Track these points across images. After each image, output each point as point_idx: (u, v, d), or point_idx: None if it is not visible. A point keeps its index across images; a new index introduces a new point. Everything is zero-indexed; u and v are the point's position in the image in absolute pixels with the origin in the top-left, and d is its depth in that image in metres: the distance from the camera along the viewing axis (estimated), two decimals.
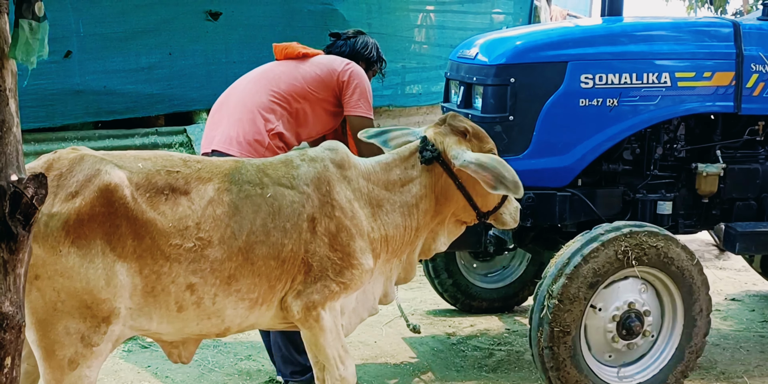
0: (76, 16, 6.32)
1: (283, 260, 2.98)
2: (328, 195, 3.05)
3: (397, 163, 3.29)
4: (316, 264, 3.01)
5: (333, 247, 3.03)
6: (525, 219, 4.31)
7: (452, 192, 3.33)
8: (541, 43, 4.38)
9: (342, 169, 3.14)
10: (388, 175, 3.25)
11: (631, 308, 4.01)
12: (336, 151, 3.18)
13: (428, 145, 3.27)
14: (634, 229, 3.96)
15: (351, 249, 3.05)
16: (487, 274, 5.60)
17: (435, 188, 3.31)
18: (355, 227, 3.08)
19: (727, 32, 4.43)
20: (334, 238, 3.03)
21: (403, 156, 3.32)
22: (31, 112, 6.22)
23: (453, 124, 3.36)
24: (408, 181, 3.28)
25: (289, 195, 3.01)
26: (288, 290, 3.04)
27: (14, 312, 1.85)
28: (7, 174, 1.82)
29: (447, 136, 3.32)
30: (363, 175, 3.19)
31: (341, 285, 3.06)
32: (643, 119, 4.36)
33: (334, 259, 3.03)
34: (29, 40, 1.86)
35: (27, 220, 1.86)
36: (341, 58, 4.32)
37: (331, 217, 3.03)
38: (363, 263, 3.08)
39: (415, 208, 3.26)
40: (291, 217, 2.99)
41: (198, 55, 7.00)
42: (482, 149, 3.37)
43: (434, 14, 8.82)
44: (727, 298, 5.99)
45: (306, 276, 3.02)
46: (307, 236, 3.00)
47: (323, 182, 3.07)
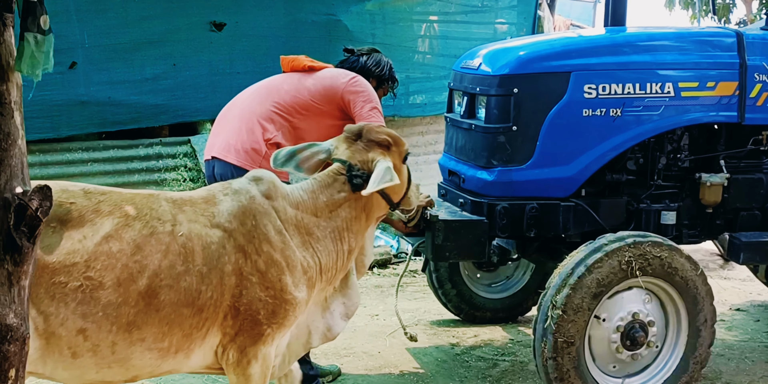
0: (81, 27, 6.34)
1: (200, 308, 2.71)
2: (254, 229, 2.83)
3: (323, 189, 3.11)
4: (244, 308, 2.77)
5: (263, 286, 2.80)
6: (529, 229, 4.31)
7: (377, 203, 3.21)
8: (544, 53, 4.39)
9: (270, 200, 2.94)
10: (316, 202, 3.07)
11: (636, 319, 4.00)
12: (262, 181, 2.99)
13: (355, 171, 3.11)
14: (638, 239, 3.96)
15: (283, 284, 2.83)
16: (491, 284, 5.60)
17: (365, 208, 3.17)
18: (286, 260, 2.87)
19: (730, 42, 4.44)
20: (263, 275, 2.80)
21: (326, 182, 3.14)
22: (37, 123, 6.24)
23: (374, 138, 3.19)
24: (336, 206, 3.10)
25: (207, 235, 2.75)
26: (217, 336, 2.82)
27: (18, 324, 1.85)
28: (12, 186, 1.83)
29: (370, 152, 3.16)
30: (291, 204, 3.01)
31: (274, 326, 2.85)
32: (646, 129, 4.36)
33: (266, 299, 2.80)
34: (35, 53, 1.87)
35: (32, 233, 1.87)
36: (347, 72, 4.31)
37: (258, 253, 2.81)
38: (297, 296, 2.88)
39: (346, 231, 3.10)
40: (209, 260, 2.72)
41: (202, 66, 7.01)
42: (401, 153, 3.25)
43: (438, 24, 8.84)
44: (731, 308, 5.97)
45: (235, 320, 2.78)
46: (231, 281, 2.75)
47: (248, 216, 2.84)
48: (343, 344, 5.07)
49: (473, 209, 4.39)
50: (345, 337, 5.21)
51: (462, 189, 4.57)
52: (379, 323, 5.53)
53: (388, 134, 3.23)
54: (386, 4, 8.07)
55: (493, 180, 4.33)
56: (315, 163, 3.29)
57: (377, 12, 8.00)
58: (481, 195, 4.40)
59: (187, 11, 6.86)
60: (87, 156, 6.68)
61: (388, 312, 5.73)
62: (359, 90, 4.18)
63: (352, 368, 4.72)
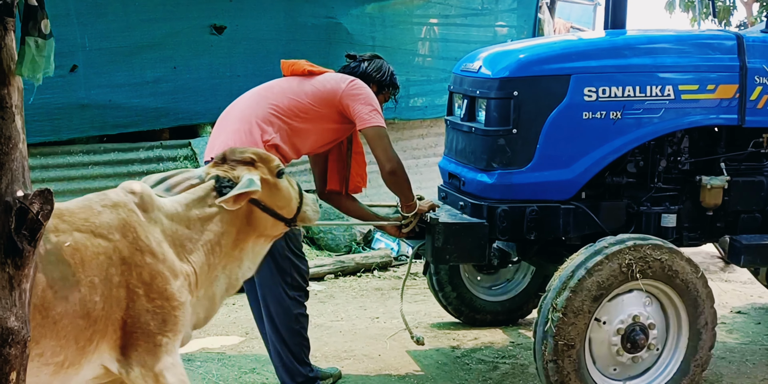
0: (82, 30, 6.34)
1: (95, 319, 2.66)
2: (135, 242, 2.79)
3: (195, 203, 3.06)
4: (133, 320, 2.75)
5: (149, 297, 2.78)
6: (529, 232, 4.32)
7: (257, 217, 3.17)
8: (544, 56, 4.40)
9: (147, 212, 2.90)
10: (189, 215, 3.03)
11: (636, 321, 4.00)
12: (137, 194, 2.93)
13: (224, 182, 3.09)
14: (638, 242, 3.96)
15: (169, 293, 2.82)
16: (491, 287, 5.60)
17: (236, 221, 3.13)
18: (169, 269, 2.85)
19: (730, 45, 4.45)
20: (149, 286, 2.78)
21: (199, 196, 3.08)
22: (37, 126, 6.24)
23: (236, 158, 3.18)
24: (208, 219, 3.06)
25: (93, 246, 2.69)
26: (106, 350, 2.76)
27: (20, 327, 1.85)
28: (13, 190, 1.83)
29: (236, 170, 3.14)
30: (167, 216, 2.97)
31: (169, 334, 2.82)
32: (646, 132, 4.36)
33: (154, 309, 2.78)
34: (35, 57, 1.87)
35: (32, 236, 1.87)
36: (347, 76, 4.31)
37: (142, 265, 2.77)
38: (183, 301, 2.87)
39: (217, 245, 3.07)
40: (99, 270, 2.68)
41: (202, 69, 7.02)
42: (271, 169, 3.21)
43: (438, 27, 8.85)
44: (732, 310, 5.97)
45: (125, 333, 2.75)
46: (119, 293, 2.72)
47: (129, 229, 2.80)
48: (343, 347, 5.08)
49: (473, 212, 4.39)
50: (345, 339, 5.21)
51: (462, 192, 4.57)
52: (380, 326, 5.53)
53: (253, 152, 3.23)
54: (386, 7, 8.08)
55: (493, 183, 4.33)
56: (186, 187, 3.22)
57: (377, 15, 8.01)
58: (481, 198, 4.40)
59: (188, 14, 6.86)
60: (88, 159, 6.68)
61: (389, 315, 5.73)
62: (358, 93, 4.18)
63: (352, 371, 4.72)
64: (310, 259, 6.77)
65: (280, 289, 4.16)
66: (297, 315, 4.21)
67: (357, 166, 4.51)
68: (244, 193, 3.01)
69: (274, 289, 4.17)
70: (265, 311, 4.24)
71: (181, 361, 2.92)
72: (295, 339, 4.22)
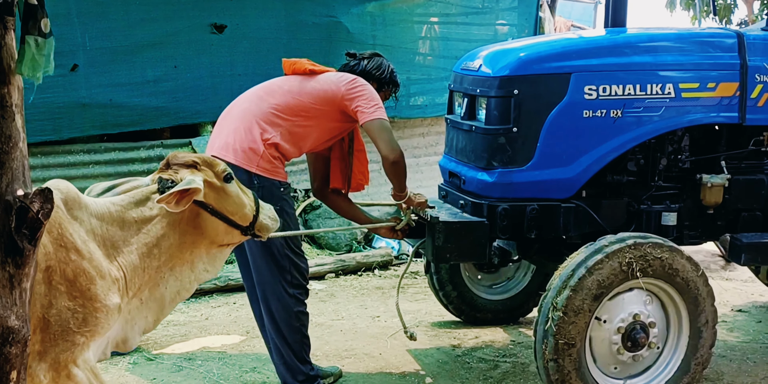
0: (83, 29, 6.34)
1: None
2: (60, 239, 2.72)
3: (133, 205, 3.01)
4: (54, 319, 2.68)
5: (72, 295, 2.72)
6: (529, 230, 4.32)
7: (204, 221, 3.11)
8: (544, 54, 4.39)
9: (72, 210, 2.83)
10: (124, 216, 2.97)
11: (637, 320, 4.00)
12: (62, 191, 2.85)
13: (166, 183, 3.04)
14: (639, 240, 3.96)
15: (92, 293, 2.76)
16: (492, 286, 5.60)
17: (180, 224, 3.08)
18: (95, 269, 2.79)
19: (731, 43, 4.44)
20: (71, 284, 2.72)
21: (138, 198, 3.05)
22: (38, 125, 6.23)
23: (179, 162, 3.13)
24: (146, 221, 3.01)
25: None
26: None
27: (20, 326, 1.85)
28: (14, 189, 1.83)
29: (179, 173, 3.09)
30: (96, 215, 2.91)
31: (87, 334, 2.76)
32: (647, 130, 4.36)
33: (75, 308, 2.72)
34: (35, 56, 1.87)
35: (33, 235, 1.87)
36: (348, 74, 4.31)
37: (66, 262, 2.72)
38: (108, 304, 2.80)
39: (156, 248, 3.01)
40: None
41: (203, 68, 7.01)
42: (217, 173, 3.16)
43: (438, 26, 8.84)
44: (733, 309, 5.97)
45: (44, 334, 2.68)
46: (41, 289, 2.65)
47: (53, 225, 2.72)
48: (344, 346, 5.08)
49: (474, 211, 4.39)
50: (346, 338, 5.22)
51: (462, 190, 4.57)
52: (381, 325, 5.53)
53: (196, 156, 3.18)
54: (387, 5, 8.07)
55: (493, 181, 4.33)
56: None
57: (378, 14, 8.00)
58: (481, 196, 4.40)
59: (188, 13, 6.85)
60: (88, 158, 6.68)
61: (389, 314, 5.73)
62: (359, 91, 4.18)
63: (353, 370, 4.73)
64: (311, 258, 6.77)
65: (279, 287, 4.17)
66: (297, 312, 4.22)
67: (359, 164, 4.51)
68: (186, 194, 2.95)
69: (274, 287, 4.18)
70: (266, 309, 4.25)
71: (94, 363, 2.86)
72: (296, 337, 4.22)
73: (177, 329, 5.37)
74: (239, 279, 6.21)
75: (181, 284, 3.18)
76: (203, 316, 5.68)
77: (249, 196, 3.27)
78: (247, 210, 3.22)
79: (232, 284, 6.22)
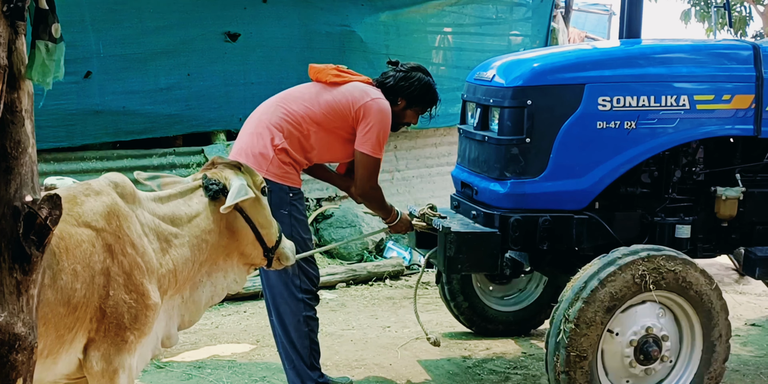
0: (97, 37, 6.36)
1: (75, 306, 2.67)
2: (119, 230, 2.81)
3: (181, 198, 3.11)
4: (110, 310, 2.75)
5: (128, 288, 2.79)
6: (542, 242, 4.29)
7: (239, 225, 3.19)
8: (558, 65, 4.37)
9: (129, 203, 2.91)
10: (174, 210, 3.06)
11: (649, 333, 3.97)
12: (120, 185, 2.93)
13: (211, 181, 3.13)
14: (652, 253, 3.93)
15: (144, 288, 2.83)
16: (504, 297, 5.57)
17: (221, 223, 3.15)
18: (147, 264, 2.86)
19: (746, 55, 4.41)
20: (128, 277, 2.80)
21: (185, 192, 3.13)
22: (51, 131, 6.26)
23: (224, 161, 3.25)
24: (194, 216, 3.09)
25: (77, 234, 2.71)
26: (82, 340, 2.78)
27: (27, 333, 1.84)
28: (22, 195, 1.82)
29: (224, 171, 3.20)
30: (149, 210, 2.99)
31: (136, 332, 2.83)
32: (661, 142, 4.33)
33: (130, 302, 2.79)
34: (45, 61, 1.86)
35: (41, 241, 1.86)
36: (371, 91, 4.27)
37: (124, 254, 2.80)
38: (156, 302, 2.87)
39: (204, 242, 3.09)
40: (81, 258, 2.69)
41: (216, 76, 7.03)
42: (255, 182, 3.24)
43: (452, 36, 8.83)
44: (747, 323, 5.91)
45: (100, 324, 2.76)
46: (100, 280, 2.73)
47: (113, 216, 2.81)
48: (354, 356, 5.05)
49: (486, 221, 4.37)
50: (356, 348, 5.19)
51: (475, 201, 4.55)
52: (391, 335, 5.51)
53: (240, 162, 3.29)
54: (400, 15, 8.07)
55: (506, 192, 4.31)
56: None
57: (391, 23, 8.00)
58: (493, 207, 4.38)
59: (202, 22, 6.88)
60: (101, 165, 6.69)
61: (400, 324, 5.71)
62: (369, 117, 4.18)
63: (363, 380, 4.70)
64: (322, 267, 6.75)
65: (288, 291, 4.20)
66: (305, 317, 4.21)
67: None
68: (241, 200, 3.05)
69: (283, 292, 4.21)
70: (276, 313, 4.27)
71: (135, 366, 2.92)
72: (304, 342, 4.22)
73: (187, 337, 5.35)
74: (250, 287, 6.21)
75: (214, 290, 3.25)
76: (213, 325, 5.67)
77: (276, 223, 3.34)
78: (273, 230, 3.30)
79: (243, 293, 6.20)
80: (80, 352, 2.78)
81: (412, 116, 4.47)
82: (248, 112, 4.46)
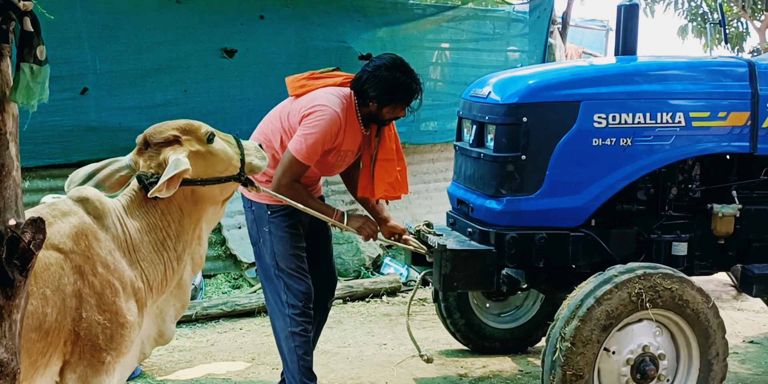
0: (93, 53, 6.36)
1: (47, 332, 2.61)
2: (88, 250, 2.74)
3: (133, 204, 2.98)
4: (84, 332, 2.69)
5: (100, 308, 2.72)
6: (538, 259, 4.27)
7: (202, 194, 3.06)
8: (553, 82, 4.37)
9: (98, 219, 2.84)
10: (133, 216, 2.95)
11: (646, 351, 3.94)
12: (88, 201, 2.85)
13: (149, 178, 2.96)
14: (648, 270, 3.90)
15: (117, 306, 2.76)
16: (500, 314, 5.54)
17: (180, 208, 3.03)
18: (119, 281, 2.79)
19: (742, 72, 4.41)
20: (100, 297, 2.72)
21: (133, 196, 3.00)
22: (47, 148, 6.25)
23: (158, 140, 3.04)
24: (150, 216, 2.98)
25: (44, 257, 2.63)
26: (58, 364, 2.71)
27: (9, 359, 1.82)
28: (5, 218, 1.80)
29: (161, 154, 3.01)
30: (117, 221, 2.90)
31: (113, 353, 2.76)
32: (657, 159, 4.32)
33: (104, 322, 2.72)
34: (30, 83, 1.85)
35: (24, 266, 1.84)
36: (321, 97, 4.13)
37: (95, 274, 2.72)
38: (130, 319, 2.81)
39: (168, 239, 2.99)
40: (51, 281, 2.62)
41: (213, 92, 7.02)
42: (200, 137, 3.06)
43: (449, 52, 8.84)
44: (745, 340, 5.88)
45: (74, 346, 2.70)
46: (72, 303, 2.66)
47: (81, 237, 2.75)
48: (350, 374, 5.02)
49: (481, 239, 4.35)
50: (352, 366, 5.16)
51: (470, 218, 4.53)
52: (387, 352, 5.47)
53: (174, 127, 3.09)
54: (397, 31, 8.08)
55: (501, 209, 4.30)
56: (117, 180, 3.12)
57: (388, 39, 8.01)
58: (489, 224, 4.36)
59: (199, 38, 6.88)
60: None
61: (397, 341, 5.67)
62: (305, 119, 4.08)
63: None
64: None
65: (277, 306, 4.25)
66: (291, 333, 4.21)
67: (384, 174, 4.25)
68: (175, 176, 2.88)
69: (273, 307, 4.27)
70: (272, 328, 4.34)
71: None
72: (293, 357, 4.22)
73: (182, 355, 5.32)
74: (246, 304, 6.18)
75: (194, 262, 3.18)
76: (209, 342, 5.63)
77: (232, 141, 3.20)
78: (234, 160, 3.16)
79: (239, 309, 6.18)
80: (56, 375, 2.72)
81: (393, 112, 4.16)
82: (245, 127, 4.47)
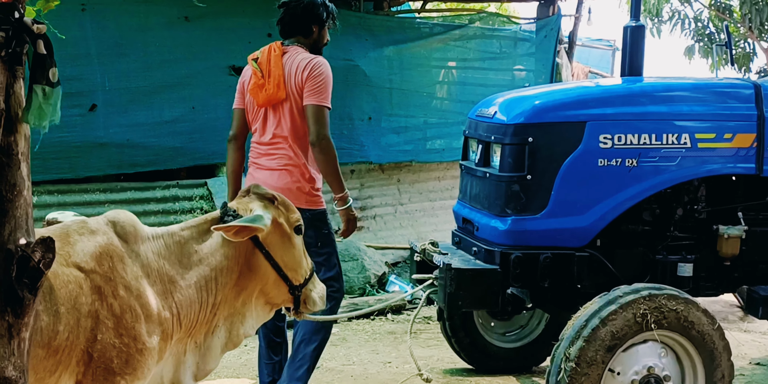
0: (102, 70, 6.42)
1: (56, 349, 2.55)
2: (111, 272, 2.69)
3: (193, 234, 2.93)
4: (98, 354, 2.63)
5: (117, 332, 2.66)
6: (543, 279, 4.27)
7: (258, 263, 2.99)
8: (559, 102, 4.39)
9: (128, 243, 2.78)
10: (182, 248, 2.89)
11: (651, 373, 3.93)
12: (120, 224, 2.81)
13: (229, 211, 2.94)
14: (654, 291, 3.90)
15: (136, 332, 2.69)
16: (505, 333, 5.53)
17: (239, 260, 2.96)
18: (142, 307, 2.72)
19: (748, 93, 4.42)
20: (118, 320, 2.66)
21: (200, 224, 2.97)
22: (55, 163, 6.30)
23: (258, 192, 3.04)
24: (206, 252, 2.92)
25: (63, 274, 2.59)
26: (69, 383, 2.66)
27: (17, 377, 1.83)
28: (16, 237, 1.82)
29: (252, 202, 3.00)
30: (153, 249, 2.84)
31: (128, 377, 2.69)
32: (662, 180, 4.33)
33: (120, 346, 2.66)
34: (42, 105, 1.87)
35: (33, 284, 1.85)
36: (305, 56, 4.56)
37: (115, 296, 2.67)
38: (149, 347, 2.73)
39: (213, 282, 2.91)
40: (66, 299, 2.57)
41: (220, 109, 7.05)
42: (289, 219, 3.05)
43: (456, 71, 8.89)
44: (751, 362, 5.85)
45: (87, 367, 2.64)
46: (87, 323, 2.61)
47: (105, 257, 2.70)
48: None
49: (486, 258, 4.35)
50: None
51: (476, 237, 4.54)
52: (392, 371, 5.46)
53: (277, 194, 3.09)
54: (404, 50, 8.12)
55: (506, 229, 4.30)
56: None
57: (395, 58, 8.05)
58: (494, 244, 4.37)
59: (207, 55, 6.94)
60: (104, 197, 6.72)
61: (401, 359, 5.67)
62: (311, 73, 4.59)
63: None
64: None
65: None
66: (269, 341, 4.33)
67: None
68: (246, 227, 2.85)
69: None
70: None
71: None
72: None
73: None
74: None
75: (229, 336, 3.07)
76: None
77: (308, 261, 3.15)
78: (302, 271, 3.09)
79: None
80: None
81: (326, 34, 4.65)
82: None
